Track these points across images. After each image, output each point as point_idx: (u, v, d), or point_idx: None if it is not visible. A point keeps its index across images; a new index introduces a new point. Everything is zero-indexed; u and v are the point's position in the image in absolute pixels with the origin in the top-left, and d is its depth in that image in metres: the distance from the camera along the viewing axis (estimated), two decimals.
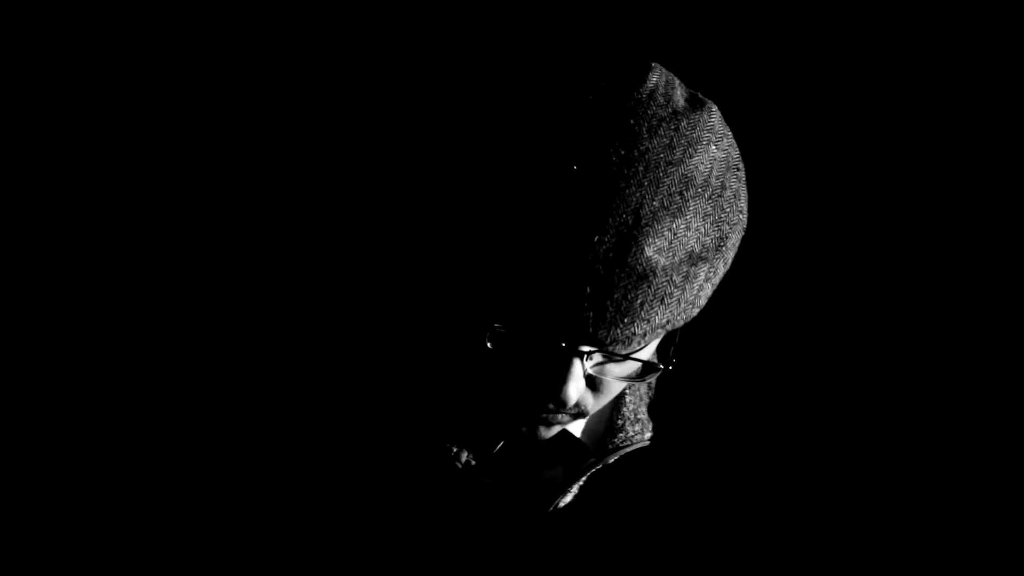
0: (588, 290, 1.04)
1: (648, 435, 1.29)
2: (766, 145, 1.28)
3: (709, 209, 1.08)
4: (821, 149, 1.65)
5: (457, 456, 1.24)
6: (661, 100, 1.08)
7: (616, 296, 1.05)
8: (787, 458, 1.33)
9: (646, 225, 1.04)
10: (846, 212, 1.66)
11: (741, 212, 1.12)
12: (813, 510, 1.33)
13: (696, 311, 1.11)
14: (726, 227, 1.10)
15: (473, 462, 1.24)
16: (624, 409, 1.28)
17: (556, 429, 1.19)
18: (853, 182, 1.65)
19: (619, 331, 1.06)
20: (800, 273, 1.64)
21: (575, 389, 1.11)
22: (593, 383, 1.15)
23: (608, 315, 1.05)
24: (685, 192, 1.06)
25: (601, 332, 1.06)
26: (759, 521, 1.31)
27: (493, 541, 1.25)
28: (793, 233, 1.64)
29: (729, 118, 1.15)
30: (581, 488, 1.26)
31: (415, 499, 1.25)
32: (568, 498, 1.26)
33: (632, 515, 1.27)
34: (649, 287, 1.05)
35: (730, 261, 1.12)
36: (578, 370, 1.10)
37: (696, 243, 1.07)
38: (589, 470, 1.26)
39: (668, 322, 1.08)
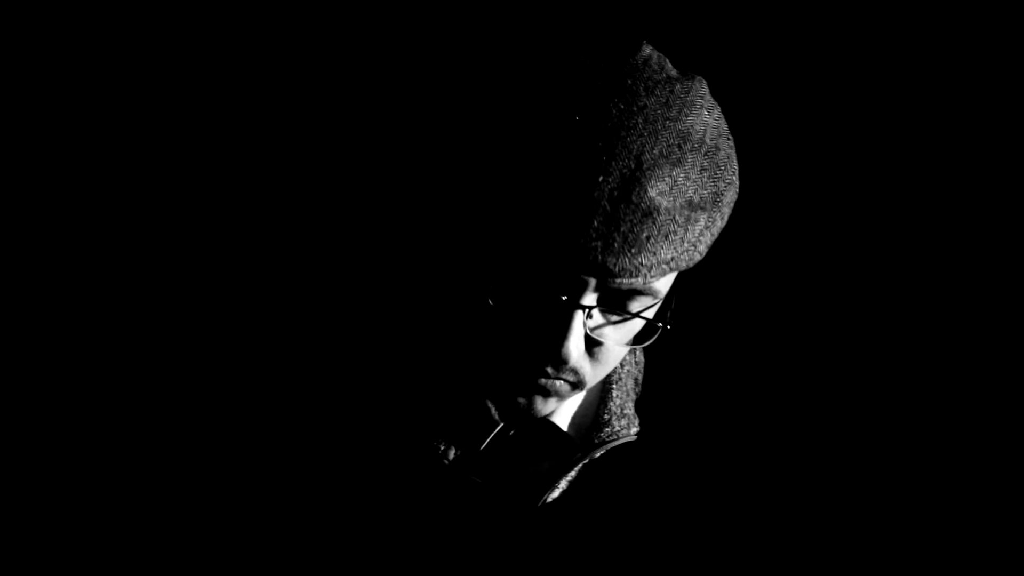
0: (595, 223, 1.07)
1: (634, 430, 1.30)
2: (754, 137, 1.32)
3: (706, 164, 1.13)
4: (809, 143, 1.67)
5: (444, 453, 1.24)
6: (655, 67, 1.14)
7: (623, 229, 1.08)
8: (772, 454, 1.34)
9: (648, 169, 1.09)
10: (828, 209, 1.68)
11: (734, 174, 1.16)
12: (798, 505, 1.33)
13: (698, 257, 1.14)
14: (722, 184, 1.14)
15: (460, 459, 1.24)
16: (611, 404, 1.30)
17: (553, 403, 1.19)
18: (838, 181, 1.67)
19: (627, 260, 1.09)
20: (784, 271, 1.67)
21: (575, 346, 1.13)
22: (591, 350, 1.17)
23: (616, 245, 1.08)
24: (683, 145, 1.11)
25: (610, 260, 1.08)
26: (744, 516, 1.31)
27: (482, 538, 1.24)
28: (777, 232, 1.66)
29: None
30: (569, 483, 1.26)
31: (403, 497, 1.23)
32: (556, 493, 1.26)
33: (619, 510, 1.27)
34: (654, 223, 1.09)
35: (726, 218, 1.16)
36: (579, 325, 1.12)
37: (695, 193, 1.11)
38: (576, 464, 1.26)
39: (672, 259, 1.11)
